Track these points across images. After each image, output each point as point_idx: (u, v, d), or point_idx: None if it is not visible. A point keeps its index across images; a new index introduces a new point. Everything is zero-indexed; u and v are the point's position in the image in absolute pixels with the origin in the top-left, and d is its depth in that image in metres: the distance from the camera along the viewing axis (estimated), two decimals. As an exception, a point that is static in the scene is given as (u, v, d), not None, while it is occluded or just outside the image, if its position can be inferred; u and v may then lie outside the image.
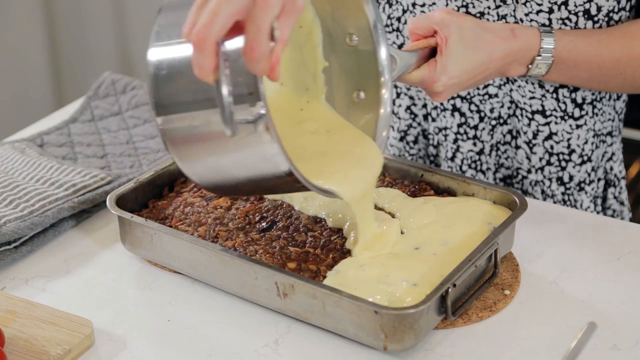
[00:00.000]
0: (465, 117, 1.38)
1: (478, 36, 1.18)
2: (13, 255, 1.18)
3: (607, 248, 1.20)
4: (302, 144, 1.09)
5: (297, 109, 1.13)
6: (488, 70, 1.19)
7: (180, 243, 1.11)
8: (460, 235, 1.13)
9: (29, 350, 1.01)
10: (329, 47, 1.14)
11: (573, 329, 1.07)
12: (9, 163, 1.33)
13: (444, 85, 1.16)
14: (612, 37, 1.24)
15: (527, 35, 1.21)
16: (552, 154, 1.37)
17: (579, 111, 1.34)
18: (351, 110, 1.15)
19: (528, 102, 1.34)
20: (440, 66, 1.16)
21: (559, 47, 1.22)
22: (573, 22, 1.26)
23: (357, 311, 1.01)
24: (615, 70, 1.25)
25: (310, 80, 1.14)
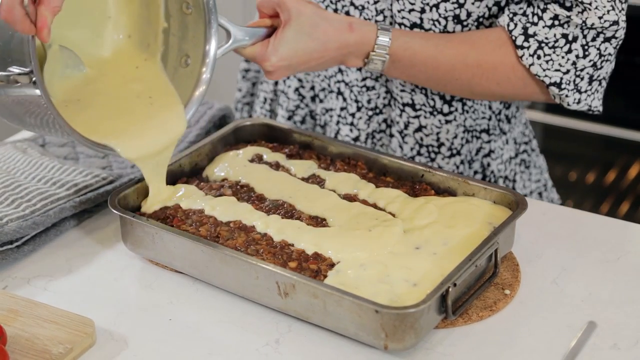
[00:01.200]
0: (346, 103, 1.43)
1: (315, 24, 1.22)
2: (15, 254, 1.18)
3: (607, 248, 1.21)
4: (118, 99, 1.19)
5: (134, 66, 1.22)
6: (322, 58, 1.24)
7: (182, 242, 1.12)
8: (460, 235, 1.14)
9: (31, 349, 1.02)
10: (170, 10, 1.23)
11: (573, 328, 1.07)
12: (11, 163, 1.33)
13: (272, 66, 1.22)
14: (450, 43, 1.27)
15: (363, 30, 1.24)
16: (422, 145, 1.41)
17: (447, 107, 1.38)
18: (178, 73, 1.24)
19: (400, 94, 1.38)
20: (272, 47, 1.22)
21: (394, 45, 1.25)
22: (442, 25, 1.30)
23: (357, 310, 1.01)
24: (450, 74, 1.28)
25: (152, 38, 1.24)
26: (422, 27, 1.31)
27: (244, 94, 1.61)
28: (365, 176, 1.26)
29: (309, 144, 1.32)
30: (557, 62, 1.24)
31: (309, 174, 1.26)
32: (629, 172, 2.67)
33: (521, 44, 1.25)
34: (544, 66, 1.25)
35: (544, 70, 1.25)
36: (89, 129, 1.12)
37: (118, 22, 1.22)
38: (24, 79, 1.01)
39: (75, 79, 1.17)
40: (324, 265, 1.09)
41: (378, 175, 1.27)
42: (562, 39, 1.23)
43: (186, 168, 1.27)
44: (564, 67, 1.24)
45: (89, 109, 1.16)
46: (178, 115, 1.21)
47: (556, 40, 1.23)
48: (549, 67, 1.25)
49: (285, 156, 1.30)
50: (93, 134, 1.12)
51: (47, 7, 0.98)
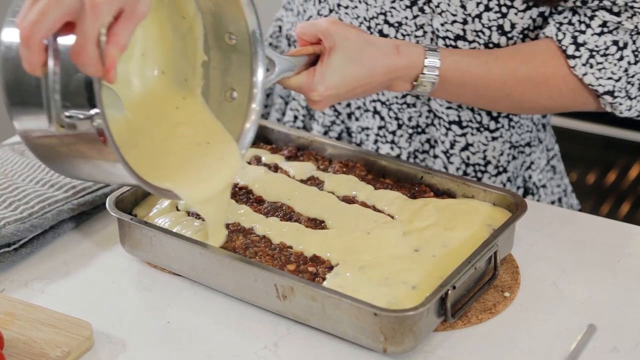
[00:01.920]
0: (384, 121, 1.38)
1: (361, 50, 1.17)
2: (12, 257, 1.18)
3: (607, 250, 1.20)
4: (166, 142, 1.11)
5: (173, 107, 1.14)
6: (370, 84, 1.18)
7: (180, 245, 1.11)
8: (459, 237, 1.13)
9: (28, 352, 1.01)
10: (210, 43, 1.15)
11: (573, 331, 1.07)
12: (8, 165, 1.33)
13: (320, 95, 1.16)
14: (500, 59, 1.23)
15: (411, 52, 1.19)
16: (469, 165, 1.38)
17: (494, 123, 1.34)
18: (223, 107, 1.16)
19: (445, 112, 1.34)
20: (319, 76, 1.15)
21: (444, 65, 1.20)
22: (486, 36, 1.26)
23: (356, 313, 1.01)
24: (501, 91, 1.24)
25: (190, 71, 1.15)
26: (465, 39, 1.26)
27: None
28: (364, 178, 1.25)
29: (308, 146, 1.31)
30: (609, 70, 1.21)
31: (308, 175, 1.26)
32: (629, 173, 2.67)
33: (572, 53, 1.21)
34: (597, 75, 1.21)
35: (597, 79, 1.21)
36: (144, 173, 1.01)
37: (150, 58, 1.14)
38: (85, 124, 0.91)
39: (118, 122, 1.08)
40: (323, 268, 1.09)
41: (377, 177, 1.26)
42: (612, 46, 1.20)
43: (184, 170, 1.27)
44: (616, 74, 1.21)
45: (136, 153, 1.05)
46: (232, 153, 1.13)
47: (607, 47, 1.20)
48: (601, 76, 1.21)
49: (284, 158, 1.30)
50: (150, 178, 1.02)
51: (114, 45, 0.89)
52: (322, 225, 1.16)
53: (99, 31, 0.87)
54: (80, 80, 0.90)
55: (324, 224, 1.16)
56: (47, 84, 0.88)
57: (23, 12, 0.87)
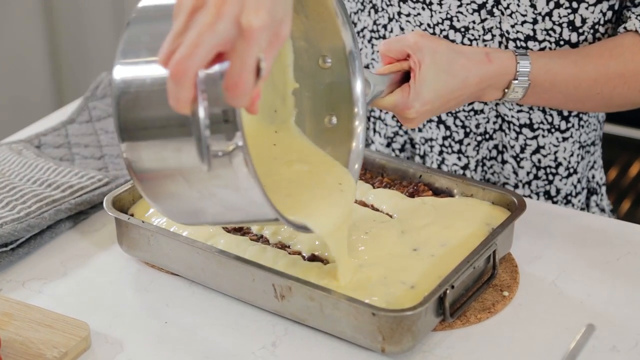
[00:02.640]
0: (450, 131, 1.36)
1: (452, 60, 1.15)
2: (9, 257, 1.17)
3: (607, 249, 1.20)
4: (276, 177, 1.05)
5: (270, 144, 1.09)
6: (462, 95, 1.17)
7: (178, 245, 1.11)
8: (458, 236, 1.13)
9: (25, 353, 1.01)
10: (300, 69, 1.10)
11: (572, 330, 1.06)
12: (5, 164, 1.32)
13: (417, 112, 1.14)
14: (588, 57, 1.22)
15: (502, 59, 1.18)
16: (540, 168, 1.36)
17: (565, 124, 1.33)
18: (322, 135, 1.12)
19: (515, 115, 1.32)
20: (414, 92, 1.13)
21: (534, 69, 1.19)
22: (557, 33, 1.24)
23: (354, 313, 1.01)
24: (592, 90, 1.23)
25: (280, 102, 1.10)
26: (535, 39, 1.25)
27: None
28: (362, 177, 1.25)
29: (306, 145, 1.31)
30: None
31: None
32: (629, 171, 2.66)
33: None
34: None
35: None
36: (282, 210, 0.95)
37: None
38: (224, 161, 0.85)
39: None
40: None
41: (375, 176, 1.26)
42: None
43: (182, 169, 1.26)
44: None
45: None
46: (345, 178, 1.09)
47: None
48: None
49: (283, 157, 1.29)
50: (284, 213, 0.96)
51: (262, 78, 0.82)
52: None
53: (257, 59, 0.81)
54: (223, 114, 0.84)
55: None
56: (198, 120, 0.81)
57: (168, 47, 0.80)
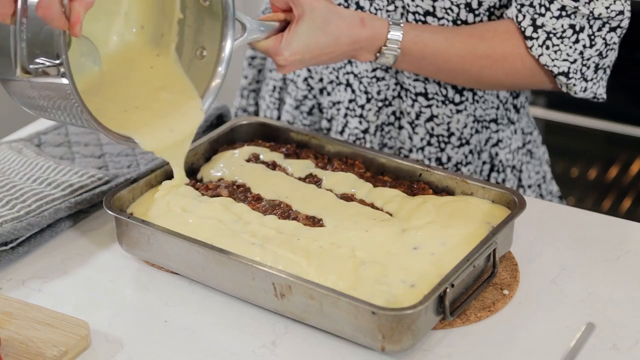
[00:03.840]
0: (355, 95, 1.44)
1: (327, 20, 1.23)
2: (9, 256, 1.17)
3: (607, 247, 1.20)
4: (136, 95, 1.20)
5: (148, 64, 1.23)
6: (334, 52, 1.25)
7: (177, 243, 1.11)
8: (458, 234, 1.13)
9: (25, 351, 1.01)
10: (186, 3, 1.24)
11: (572, 328, 1.06)
12: (5, 163, 1.32)
13: (285, 60, 1.23)
14: (459, 35, 1.31)
15: (375, 25, 1.26)
16: (433, 135, 1.43)
17: (459, 97, 1.40)
18: (193, 64, 1.24)
19: (412, 84, 1.40)
20: (285, 41, 1.22)
21: (405, 39, 1.27)
22: (455, 13, 1.33)
23: (354, 312, 1.01)
24: (460, 66, 1.31)
25: (166, 28, 1.24)
26: (434, 15, 1.33)
27: (249, 81, 1.62)
28: (362, 175, 1.25)
29: (306, 143, 1.31)
30: (565, 52, 1.28)
31: (306, 173, 1.25)
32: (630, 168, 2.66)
33: (530, 34, 1.28)
34: (553, 56, 1.28)
35: (553, 60, 1.28)
36: (109, 121, 1.12)
37: (131, 15, 1.22)
38: (53, 71, 1.00)
39: (93, 72, 1.17)
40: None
41: (376, 175, 1.26)
42: (569, 29, 1.26)
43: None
44: (571, 56, 1.28)
45: (107, 101, 1.16)
46: (195, 107, 1.21)
47: (564, 30, 1.26)
48: (557, 57, 1.28)
49: (283, 156, 1.29)
50: (113, 126, 1.12)
51: (80, 3, 0.98)
52: (320, 223, 1.16)
53: None
54: (47, 32, 0.99)
55: (322, 222, 1.16)
56: (15, 32, 0.97)
57: None
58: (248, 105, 1.63)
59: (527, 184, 1.51)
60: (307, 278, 1.05)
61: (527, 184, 1.51)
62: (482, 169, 1.47)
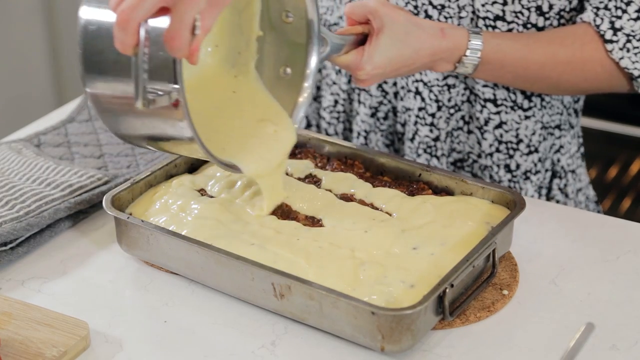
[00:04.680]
0: (425, 103, 1.42)
1: (408, 32, 1.21)
2: (9, 256, 1.17)
3: (606, 247, 1.20)
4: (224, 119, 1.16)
5: (230, 91, 1.19)
6: (414, 64, 1.23)
7: (177, 244, 1.11)
8: (458, 235, 1.13)
9: (25, 352, 1.01)
10: (266, 19, 1.19)
11: (571, 329, 1.06)
12: (5, 163, 1.32)
13: (367, 74, 1.21)
14: (539, 42, 1.29)
15: (455, 35, 1.24)
16: (501, 142, 1.41)
17: (527, 102, 1.38)
18: (277, 82, 1.21)
19: (482, 89, 1.38)
20: (367, 56, 1.20)
21: (486, 48, 1.25)
22: (525, 17, 1.30)
23: (354, 312, 1.01)
24: (540, 73, 1.29)
25: (244, 46, 1.19)
26: (504, 20, 1.31)
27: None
28: (362, 176, 1.25)
29: (305, 143, 1.31)
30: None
31: (306, 173, 1.25)
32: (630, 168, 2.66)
33: (610, 38, 1.26)
34: (633, 59, 1.26)
35: (634, 63, 1.27)
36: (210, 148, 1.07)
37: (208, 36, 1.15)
38: (165, 100, 0.97)
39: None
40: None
41: (375, 175, 1.26)
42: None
43: (181, 168, 1.26)
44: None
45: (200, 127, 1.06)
46: (287, 128, 1.18)
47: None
48: (637, 60, 1.26)
49: (282, 156, 1.29)
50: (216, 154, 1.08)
51: (202, 30, 0.94)
52: (319, 223, 1.16)
53: (194, 18, 0.92)
54: (166, 60, 0.96)
55: (322, 222, 1.16)
56: (137, 63, 0.92)
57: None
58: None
59: (577, 187, 1.49)
60: (307, 278, 1.05)
61: (578, 187, 1.49)
62: (545, 176, 1.45)
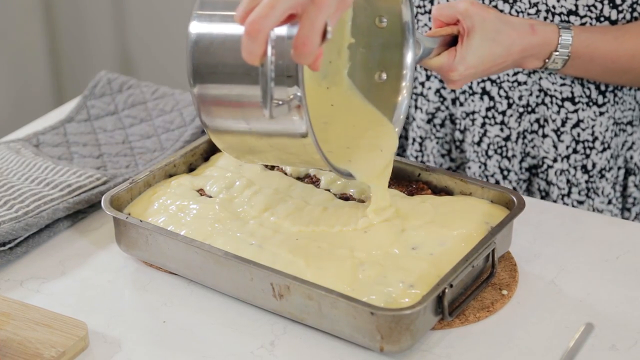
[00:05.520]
0: (494, 102, 1.41)
1: (499, 30, 1.22)
2: (8, 256, 1.17)
3: (606, 247, 1.19)
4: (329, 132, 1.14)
5: (328, 104, 1.18)
6: (505, 62, 1.24)
7: (176, 244, 1.11)
8: (457, 235, 1.13)
9: (23, 352, 1.01)
10: (358, 25, 1.18)
11: (571, 329, 1.06)
12: (3, 163, 1.32)
13: (460, 75, 1.21)
14: (629, 33, 1.29)
15: (545, 31, 1.25)
16: (579, 142, 1.40)
17: (602, 98, 1.38)
18: (371, 88, 1.20)
19: (559, 89, 1.38)
20: (460, 56, 1.20)
21: (576, 43, 1.26)
22: (598, 10, 1.30)
23: (353, 312, 1.00)
24: (629, 65, 1.30)
25: (335, 54, 1.19)
26: (577, 14, 1.31)
27: None
28: (361, 175, 1.25)
29: (305, 143, 1.31)
30: None
31: (304, 173, 1.25)
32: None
33: None
34: None
35: None
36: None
37: None
38: (283, 109, 0.96)
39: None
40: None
41: (374, 175, 1.26)
42: None
43: (181, 168, 1.26)
44: None
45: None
46: (388, 133, 1.18)
47: None
48: None
49: (281, 155, 1.29)
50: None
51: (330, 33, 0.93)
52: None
53: (325, 23, 0.91)
54: (289, 67, 0.96)
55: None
56: (266, 72, 0.92)
57: (246, 6, 0.91)
58: None
59: None
60: (306, 278, 1.04)
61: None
62: (618, 174, 1.44)
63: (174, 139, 1.40)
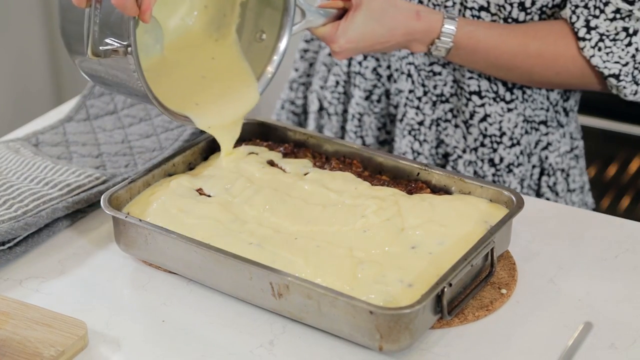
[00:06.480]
0: (414, 86, 1.46)
1: (384, 11, 1.28)
2: (7, 256, 1.17)
3: (605, 246, 1.20)
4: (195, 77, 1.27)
5: (209, 57, 1.29)
6: (388, 42, 1.30)
7: (175, 243, 1.11)
8: (456, 234, 1.13)
9: (22, 352, 1.01)
10: None
11: (570, 328, 1.06)
12: (3, 163, 1.32)
13: (340, 47, 1.28)
14: (513, 33, 1.33)
15: (430, 18, 1.30)
16: (486, 136, 1.44)
17: (509, 95, 1.41)
18: (252, 47, 1.31)
19: (467, 82, 1.41)
20: (342, 30, 1.27)
21: (459, 33, 1.31)
22: (507, 11, 1.34)
23: (352, 311, 1.00)
24: (511, 63, 1.34)
25: (229, 9, 1.30)
26: (488, 11, 1.35)
27: (300, 74, 1.64)
28: (360, 175, 1.25)
29: (304, 143, 1.31)
30: (617, 55, 1.29)
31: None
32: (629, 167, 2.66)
33: (583, 35, 1.29)
34: (604, 58, 1.29)
35: (604, 62, 1.29)
36: (168, 100, 1.18)
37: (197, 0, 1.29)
38: (121, 52, 1.07)
39: (156, 57, 1.24)
40: (319, 266, 1.08)
41: (373, 174, 1.26)
42: (622, 32, 1.28)
43: (180, 167, 1.26)
44: (623, 59, 1.29)
45: (168, 82, 1.22)
46: (251, 89, 1.28)
47: (617, 33, 1.28)
48: (608, 59, 1.29)
49: (281, 155, 1.29)
50: (172, 105, 1.19)
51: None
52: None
53: None
54: (117, 15, 1.06)
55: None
56: (90, 17, 1.05)
57: None
58: (296, 98, 1.64)
59: (572, 188, 1.51)
60: (305, 277, 1.05)
61: (572, 188, 1.51)
62: (532, 172, 1.47)
63: (173, 139, 1.40)
